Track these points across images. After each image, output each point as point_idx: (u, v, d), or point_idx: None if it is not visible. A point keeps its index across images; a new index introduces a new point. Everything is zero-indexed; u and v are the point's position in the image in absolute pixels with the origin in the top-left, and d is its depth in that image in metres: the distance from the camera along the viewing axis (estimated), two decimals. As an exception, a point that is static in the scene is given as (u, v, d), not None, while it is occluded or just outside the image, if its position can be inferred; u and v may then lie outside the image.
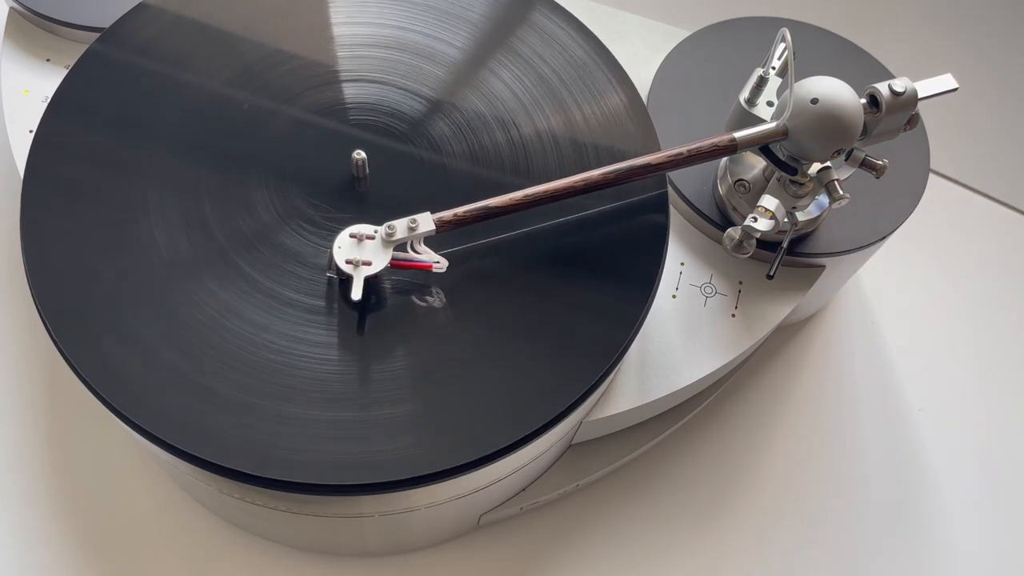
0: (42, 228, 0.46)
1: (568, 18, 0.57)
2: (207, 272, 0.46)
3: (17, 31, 0.60)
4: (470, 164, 0.51)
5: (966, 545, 0.60)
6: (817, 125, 0.45)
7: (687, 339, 0.53)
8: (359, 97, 0.53)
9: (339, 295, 0.46)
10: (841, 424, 0.63)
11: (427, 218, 0.45)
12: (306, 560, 0.55)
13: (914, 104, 0.47)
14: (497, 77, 0.54)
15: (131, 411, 0.42)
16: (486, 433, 0.43)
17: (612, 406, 0.51)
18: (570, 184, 0.46)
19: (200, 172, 0.49)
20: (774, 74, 0.51)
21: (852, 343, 0.66)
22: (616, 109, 0.54)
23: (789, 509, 0.60)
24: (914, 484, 0.62)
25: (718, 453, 0.61)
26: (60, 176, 0.48)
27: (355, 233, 0.45)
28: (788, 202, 0.49)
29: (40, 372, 0.59)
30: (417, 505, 0.46)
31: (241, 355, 0.44)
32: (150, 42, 0.53)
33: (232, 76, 0.52)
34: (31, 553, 0.54)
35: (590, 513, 0.58)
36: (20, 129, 0.57)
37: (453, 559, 0.56)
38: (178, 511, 0.55)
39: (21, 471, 0.56)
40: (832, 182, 0.47)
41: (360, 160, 0.48)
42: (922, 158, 0.59)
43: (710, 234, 0.56)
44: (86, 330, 0.44)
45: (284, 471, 0.41)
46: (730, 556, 0.58)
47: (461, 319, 0.46)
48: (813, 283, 0.56)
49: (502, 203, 0.46)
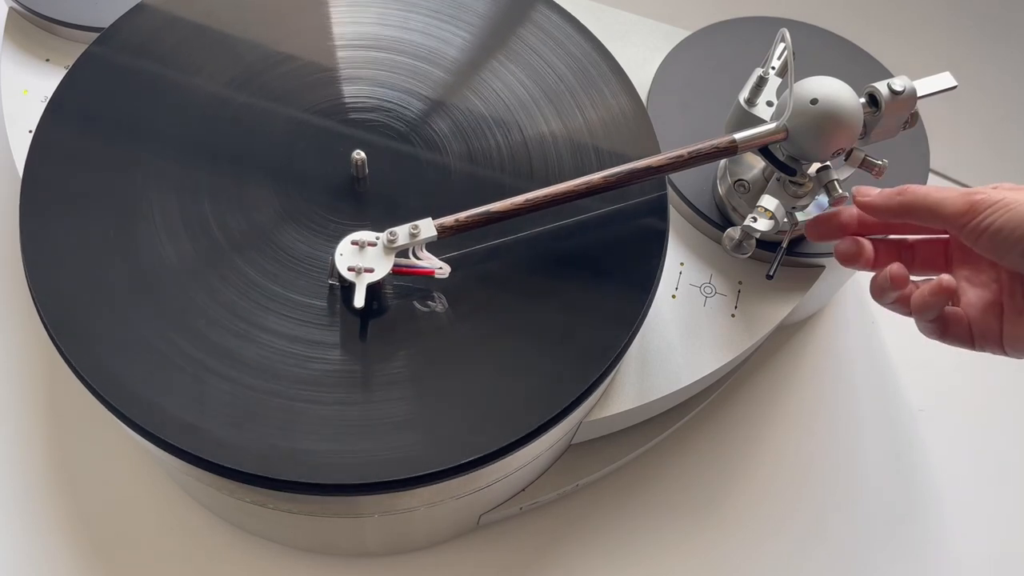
0: (42, 228, 0.46)
1: (568, 18, 0.57)
2: (207, 272, 0.46)
3: (17, 31, 0.60)
4: (469, 164, 0.51)
5: (966, 545, 0.60)
6: (817, 125, 0.45)
7: (687, 339, 0.53)
8: (359, 97, 0.53)
9: (340, 298, 0.46)
10: (841, 424, 0.63)
11: (429, 224, 0.45)
12: (306, 560, 0.55)
13: (913, 103, 0.47)
14: (496, 77, 0.54)
15: (131, 411, 0.42)
16: (486, 433, 0.43)
17: (612, 406, 0.51)
18: (571, 188, 0.46)
19: (199, 172, 0.49)
20: (774, 74, 0.51)
21: (852, 343, 0.66)
22: (616, 109, 0.54)
23: (789, 509, 0.60)
24: (914, 484, 0.62)
25: (718, 453, 0.61)
26: (60, 176, 0.48)
27: (357, 240, 0.45)
28: (788, 202, 0.49)
29: (40, 372, 0.59)
30: (417, 505, 0.46)
31: (241, 355, 0.44)
32: (149, 42, 0.53)
33: (232, 76, 0.52)
34: (31, 553, 0.54)
35: (590, 513, 0.58)
36: (20, 129, 0.57)
37: (453, 559, 0.56)
38: (178, 511, 0.55)
39: (21, 471, 0.56)
40: (832, 182, 0.47)
41: (360, 160, 0.48)
42: (922, 158, 0.59)
43: (710, 234, 0.56)
44: (86, 331, 0.44)
45: (284, 471, 0.41)
46: (730, 556, 0.58)
47: (461, 319, 0.46)
48: (813, 283, 0.56)
49: (503, 208, 0.46)
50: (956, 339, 0.41)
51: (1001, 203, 0.38)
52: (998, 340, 0.40)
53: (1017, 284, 0.40)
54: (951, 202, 0.40)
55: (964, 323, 0.41)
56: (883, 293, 0.42)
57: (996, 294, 0.41)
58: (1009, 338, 0.40)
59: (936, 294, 0.39)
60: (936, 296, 0.39)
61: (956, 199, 0.40)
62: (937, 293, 0.39)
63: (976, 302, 0.41)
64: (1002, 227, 0.37)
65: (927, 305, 0.39)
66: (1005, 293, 0.40)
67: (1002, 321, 0.40)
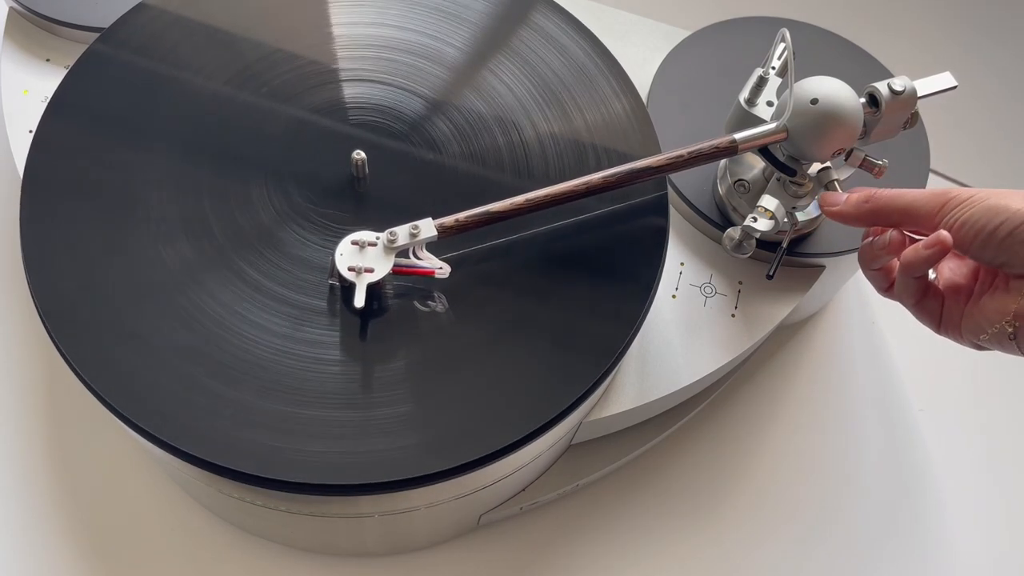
0: (42, 228, 0.46)
1: (568, 18, 0.57)
2: (207, 272, 0.46)
3: (17, 31, 0.60)
4: (469, 164, 0.51)
5: (966, 545, 0.60)
6: (817, 125, 0.45)
7: (687, 339, 0.53)
8: (359, 97, 0.53)
9: (340, 298, 0.46)
10: (841, 424, 0.63)
11: (429, 224, 0.45)
12: (306, 560, 0.55)
13: (913, 103, 0.47)
14: (496, 77, 0.54)
15: (131, 411, 0.42)
16: (486, 433, 0.43)
17: (612, 406, 0.51)
18: (571, 188, 0.46)
19: (199, 172, 0.49)
20: (774, 74, 0.51)
21: (852, 343, 0.66)
22: (616, 109, 0.54)
23: (789, 509, 0.60)
24: (914, 484, 0.62)
25: (718, 453, 0.61)
26: (60, 176, 0.48)
27: (357, 240, 0.45)
28: (788, 202, 0.49)
29: (40, 372, 0.59)
30: (417, 505, 0.46)
31: (241, 355, 0.44)
32: (150, 42, 0.53)
33: (232, 76, 0.52)
34: (31, 553, 0.54)
35: (590, 513, 0.58)
36: (20, 129, 0.57)
37: (453, 559, 0.56)
38: (178, 511, 0.55)
39: (21, 471, 0.56)
40: (832, 182, 0.47)
41: (360, 160, 0.48)
42: (922, 158, 0.59)
43: (710, 234, 0.56)
44: (86, 330, 0.44)
45: (284, 471, 0.41)
46: (730, 556, 0.58)
47: (462, 320, 0.46)
48: (813, 283, 0.56)
49: (504, 208, 0.46)
50: (927, 313, 0.43)
51: (969, 200, 0.39)
52: (959, 325, 0.41)
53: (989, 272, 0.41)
54: (923, 203, 0.41)
55: (939, 298, 0.42)
56: (875, 258, 0.43)
57: (969, 281, 0.42)
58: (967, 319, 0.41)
59: (931, 246, 0.39)
60: (931, 248, 0.39)
61: (928, 199, 0.41)
62: (932, 245, 0.39)
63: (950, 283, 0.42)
64: (965, 221, 0.39)
65: (920, 259, 0.40)
66: (978, 280, 0.42)
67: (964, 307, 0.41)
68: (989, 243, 0.38)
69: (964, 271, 0.43)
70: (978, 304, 0.40)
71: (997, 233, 0.38)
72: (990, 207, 0.38)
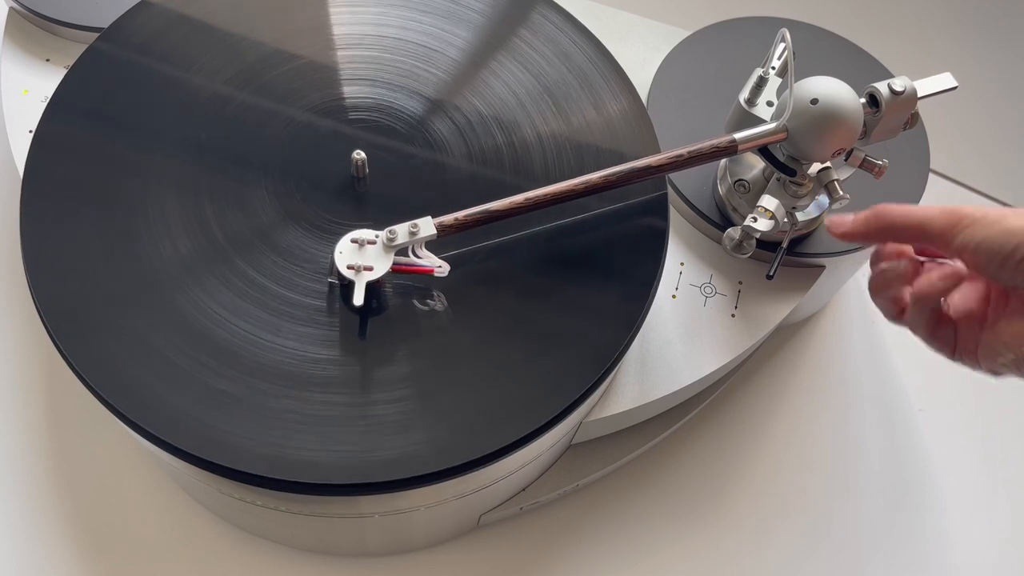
0: (42, 228, 0.46)
1: (568, 19, 0.57)
2: (207, 272, 0.46)
3: (17, 31, 0.60)
4: (469, 164, 0.51)
5: (966, 545, 0.60)
6: (817, 125, 0.45)
7: (687, 339, 0.53)
8: (359, 97, 0.53)
9: (340, 297, 0.46)
10: (841, 424, 0.63)
11: (428, 223, 0.45)
12: (306, 560, 0.55)
13: (914, 103, 0.47)
14: (496, 77, 0.54)
15: (131, 411, 0.42)
16: (486, 433, 0.43)
17: (612, 406, 0.51)
18: (571, 187, 0.46)
19: (200, 172, 0.49)
20: (774, 74, 0.51)
21: (852, 343, 0.66)
22: (616, 109, 0.54)
23: (789, 509, 0.60)
24: (914, 484, 0.62)
25: (718, 453, 0.61)
26: (60, 176, 0.48)
27: (356, 238, 0.45)
28: (788, 202, 0.49)
29: (40, 372, 0.59)
30: (417, 505, 0.46)
31: (241, 355, 0.44)
32: (150, 42, 0.53)
33: (232, 76, 0.52)
34: (31, 553, 0.54)
35: (590, 513, 0.58)
36: (20, 129, 0.57)
37: (453, 559, 0.56)
38: (178, 511, 0.55)
39: (21, 471, 0.56)
40: (832, 182, 0.47)
41: (360, 160, 0.48)
42: (922, 158, 0.59)
43: (710, 234, 0.56)
44: (86, 330, 0.44)
45: (284, 471, 0.41)
46: (730, 556, 0.58)
47: (461, 320, 0.46)
48: (813, 283, 0.56)
49: (503, 207, 0.46)
50: (941, 341, 0.42)
51: (983, 219, 0.39)
52: (974, 352, 0.41)
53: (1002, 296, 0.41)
54: (936, 220, 0.40)
55: (952, 325, 0.41)
56: (888, 287, 0.42)
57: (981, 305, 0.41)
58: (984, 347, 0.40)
59: (945, 278, 0.39)
60: (945, 280, 0.39)
61: (941, 216, 0.40)
62: (946, 278, 0.39)
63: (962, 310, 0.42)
64: (981, 242, 0.38)
65: (934, 290, 0.40)
66: (991, 305, 0.41)
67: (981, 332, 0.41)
68: (1006, 265, 0.38)
69: (974, 295, 0.42)
70: (994, 330, 0.40)
71: (1014, 255, 0.37)
72: (1006, 229, 0.38)
